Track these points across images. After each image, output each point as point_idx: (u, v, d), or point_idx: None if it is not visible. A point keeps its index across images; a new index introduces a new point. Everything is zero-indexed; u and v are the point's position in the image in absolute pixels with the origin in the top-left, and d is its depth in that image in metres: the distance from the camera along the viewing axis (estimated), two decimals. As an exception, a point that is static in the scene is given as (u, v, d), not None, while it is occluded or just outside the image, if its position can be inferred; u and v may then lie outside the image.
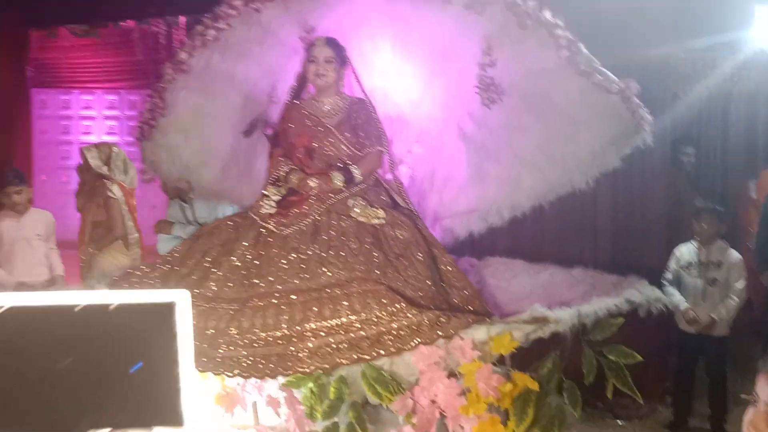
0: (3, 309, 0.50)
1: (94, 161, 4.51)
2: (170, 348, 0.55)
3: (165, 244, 4.11)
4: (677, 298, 4.00)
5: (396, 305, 2.46)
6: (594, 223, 4.35)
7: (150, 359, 0.55)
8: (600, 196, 4.33)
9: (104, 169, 4.55)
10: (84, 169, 4.63)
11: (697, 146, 5.70)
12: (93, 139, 7.11)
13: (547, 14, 2.99)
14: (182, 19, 6.15)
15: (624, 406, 3.98)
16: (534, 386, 2.48)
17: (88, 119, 7.56)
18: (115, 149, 4.69)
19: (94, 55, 7.29)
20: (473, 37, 3.23)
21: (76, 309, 0.57)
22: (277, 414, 2.53)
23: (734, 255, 4.04)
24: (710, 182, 6.14)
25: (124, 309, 0.58)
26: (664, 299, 2.89)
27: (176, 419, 0.53)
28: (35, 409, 0.52)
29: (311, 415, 2.49)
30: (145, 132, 3.37)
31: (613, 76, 3.11)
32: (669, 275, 4.13)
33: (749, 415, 1.59)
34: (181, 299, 0.54)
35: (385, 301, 2.48)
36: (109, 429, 0.58)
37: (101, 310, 0.58)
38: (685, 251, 4.14)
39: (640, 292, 2.82)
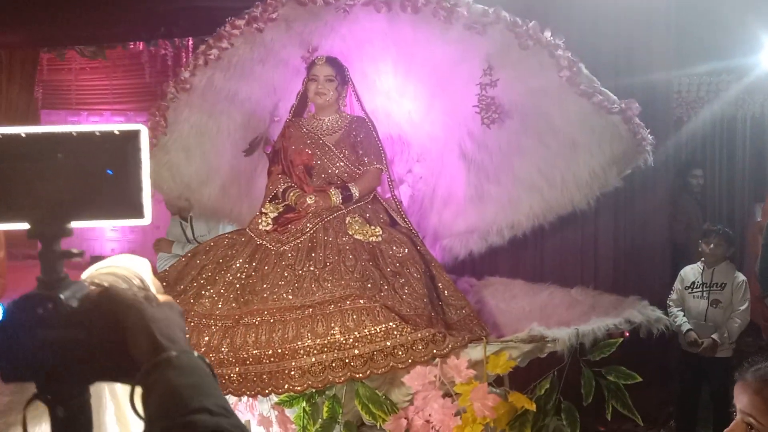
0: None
1: None
2: (136, 162, 0.81)
3: (164, 263, 4.10)
4: (680, 320, 3.96)
5: (390, 323, 2.43)
6: (596, 244, 4.32)
7: (119, 169, 0.81)
8: (603, 217, 4.31)
9: None
10: None
11: (703, 169, 5.71)
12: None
13: (548, 34, 3.01)
14: (190, 42, 6.22)
15: (627, 431, 3.92)
16: (531, 407, 2.44)
17: (96, 140, 7.67)
18: None
19: (103, 78, 7.39)
20: (474, 58, 3.24)
21: (67, 133, 0.80)
22: (269, 433, 2.50)
23: (739, 277, 4.01)
24: (716, 205, 6.13)
25: (103, 135, 0.82)
26: (665, 320, 2.83)
27: (139, 213, 0.82)
28: (28, 205, 0.79)
29: (304, 435, 2.46)
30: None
31: (613, 97, 3.11)
32: (674, 296, 4.11)
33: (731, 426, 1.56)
34: (144, 129, 0.84)
35: (379, 319, 2.45)
36: (89, 220, 0.83)
37: (86, 136, 0.81)
38: (690, 272, 4.12)
39: (640, 313, 2.77)
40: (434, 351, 2.39)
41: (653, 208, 4.46)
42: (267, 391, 2.41)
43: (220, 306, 2.68)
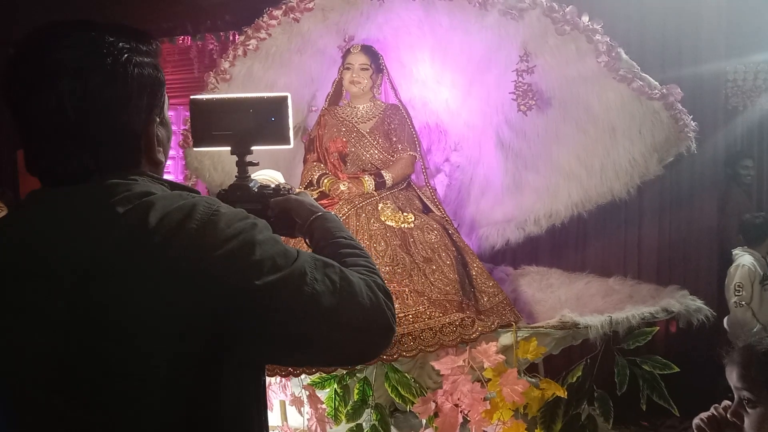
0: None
1: None
2: (286, 113, 1.30)
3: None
4: (750, 317, 3.81)
5: (419, 307, 2.44)
6: (640, 236, 4.21)
7: (276, 117, 1.34)
8: (648, 209, 4.20)
9: None
10: None
11: (757, 160, 5.49)
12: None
13: (585, 19, 2.95)
14: (236, 36, 6.33)
15: (670, 426, 3.82)
16: (562, 393, 2.42)
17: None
18: None
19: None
20: (511, 44, 3.21)
21: (256, 97, 1.35)
22: (300, 413, 2.54)
23: None
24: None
25: (269, 98, 1.34)
26: (706, 310, 2.73)
27: (287, 142, 1.32)
28: (230, 137, 1.37)
29: (335, 418, 2.49)
30: (188, 140, 3.48)
31: (654, 82, 3.03)
32: (744, 294, 3.90)
33: None
34: (288, 95, 1.33)
35: (408, 303, 2.46)
36: (260, 145, 1.37)
37: (263, 98, 1.35)
38: (757, 264, 3.95)
39: (678, 302, 2.69)
40: (462, 336, 2.38)
41: (701, 200, 4.32)
42: (298, 371, 2.45)
43: None
